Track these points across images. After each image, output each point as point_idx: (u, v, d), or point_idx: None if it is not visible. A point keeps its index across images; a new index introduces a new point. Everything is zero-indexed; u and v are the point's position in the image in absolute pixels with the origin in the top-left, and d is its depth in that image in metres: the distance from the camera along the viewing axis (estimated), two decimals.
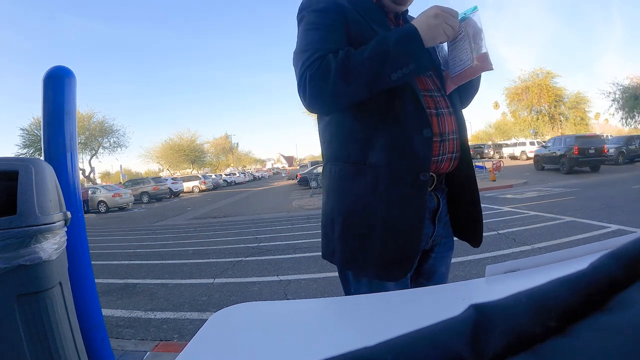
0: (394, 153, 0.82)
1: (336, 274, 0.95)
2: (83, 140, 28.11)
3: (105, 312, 2.67)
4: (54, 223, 1.19)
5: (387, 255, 0.82)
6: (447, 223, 0.95)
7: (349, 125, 0.87)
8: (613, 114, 29.00)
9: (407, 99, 0.82)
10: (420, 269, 0.95)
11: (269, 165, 77.31)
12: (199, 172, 41.74)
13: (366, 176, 0.83)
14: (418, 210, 0.82)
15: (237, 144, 59.87)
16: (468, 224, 0.95)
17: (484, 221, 0.96)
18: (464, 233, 0.97)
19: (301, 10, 0.90)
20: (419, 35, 0.78)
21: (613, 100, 28.35)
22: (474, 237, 0.95)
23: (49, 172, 1.26)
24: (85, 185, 22.48)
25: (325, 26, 0.84)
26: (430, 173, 0.85)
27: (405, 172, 0.81)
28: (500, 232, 4.63)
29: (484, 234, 0.96)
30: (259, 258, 4.48)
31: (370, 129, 0.84)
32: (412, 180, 0.81)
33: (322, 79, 0.78)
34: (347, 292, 0.92)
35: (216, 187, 29.58)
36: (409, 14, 1.03)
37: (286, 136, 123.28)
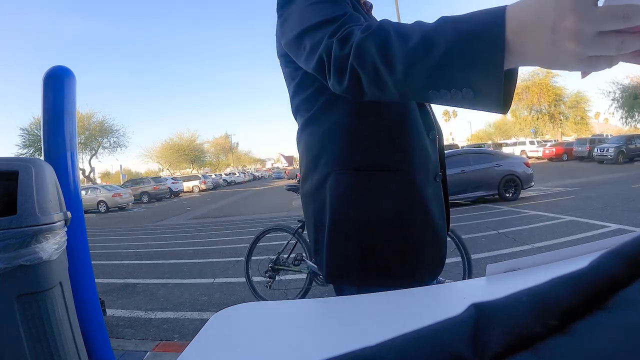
0: (411, 157, 0.78)
1: None
2: (83, 140, 28.16)
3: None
4: (54, 223, 1.19)
5: (424, 258, 0.79)
6: None
7: (354, 128, 0.77)
8: (613, 113, 29.10)
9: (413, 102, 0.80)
10: None
11: (268, 165, 77.37)
12: (199, 171, 41.80)
13: (387, 182, 0.77)
14: (440, 210, 0.82)
15: (237, 143, 60.03)
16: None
17: (484, 220, 0.96)
18: None
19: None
20: (502, 39, 0.40)
21: (613, 100, 28.42)
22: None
23: (49, 172, 1.26)
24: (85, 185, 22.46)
25: None
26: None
27: (424, 175, 0.79)
28: (500, 231, 4.61)
29: (483, 234, 0.96)
30: (259, 258, 4.47)
31: (381, 132, 0.77)
32: (432, 181, 0.80)
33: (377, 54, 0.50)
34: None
35: (216, 186, 29.61)
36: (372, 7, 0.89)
37: (286, 136, 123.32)
